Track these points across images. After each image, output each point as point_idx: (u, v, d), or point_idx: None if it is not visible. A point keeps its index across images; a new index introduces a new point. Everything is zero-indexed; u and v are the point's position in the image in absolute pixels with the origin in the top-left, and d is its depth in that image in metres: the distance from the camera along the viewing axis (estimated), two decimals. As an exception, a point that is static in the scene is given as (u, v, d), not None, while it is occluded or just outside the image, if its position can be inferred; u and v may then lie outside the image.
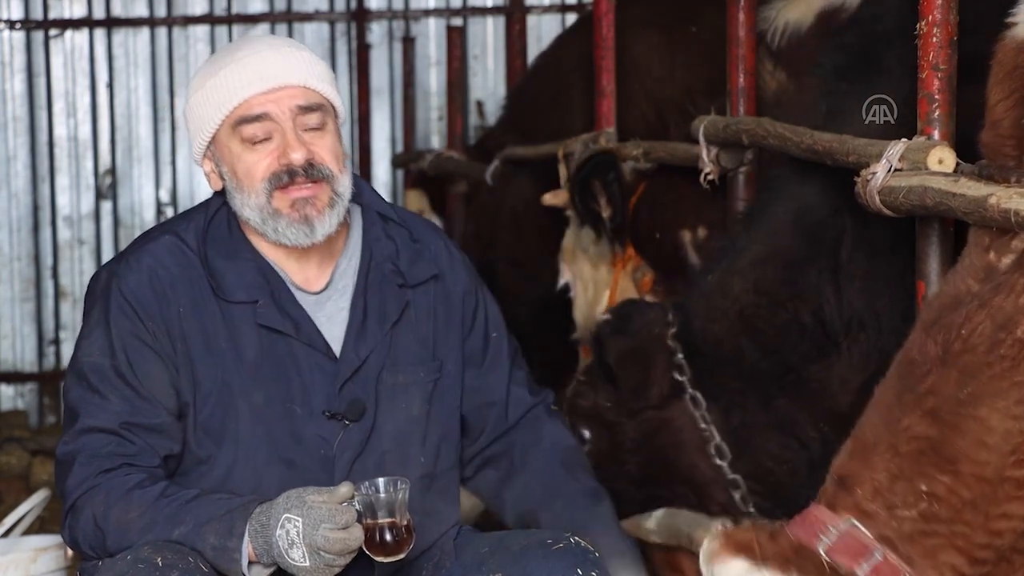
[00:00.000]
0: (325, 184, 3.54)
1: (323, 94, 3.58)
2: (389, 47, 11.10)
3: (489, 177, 7.40)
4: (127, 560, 3.38)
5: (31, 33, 10.74)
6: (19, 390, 10.79)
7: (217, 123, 3.56)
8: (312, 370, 3.58)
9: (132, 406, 3.51)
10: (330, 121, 3.59)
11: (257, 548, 3.35)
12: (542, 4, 10.99)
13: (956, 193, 3.31)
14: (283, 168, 3.52)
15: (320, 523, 3.29)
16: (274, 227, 3.55)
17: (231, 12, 10.88)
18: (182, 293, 3.57)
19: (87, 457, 3.49)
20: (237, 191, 3.57)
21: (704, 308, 4.57)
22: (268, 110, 3.52)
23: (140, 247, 3.64)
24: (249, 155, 3.54)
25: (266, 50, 3.58)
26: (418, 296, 3.71)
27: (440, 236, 3.85)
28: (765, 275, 4.46)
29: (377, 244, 3.70)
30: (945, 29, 3.66)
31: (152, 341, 3.54)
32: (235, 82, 3.54)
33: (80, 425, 3.52)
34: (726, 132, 4.88)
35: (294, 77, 3.55)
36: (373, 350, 3.62)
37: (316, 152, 3.53)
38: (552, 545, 3.52)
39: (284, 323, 3.57)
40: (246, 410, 3.56)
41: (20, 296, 10.76)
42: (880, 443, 3.02)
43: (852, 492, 3.01)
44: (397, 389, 3.65)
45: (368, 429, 3.60)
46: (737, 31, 5.03)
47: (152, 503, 3.43)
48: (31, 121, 10.75)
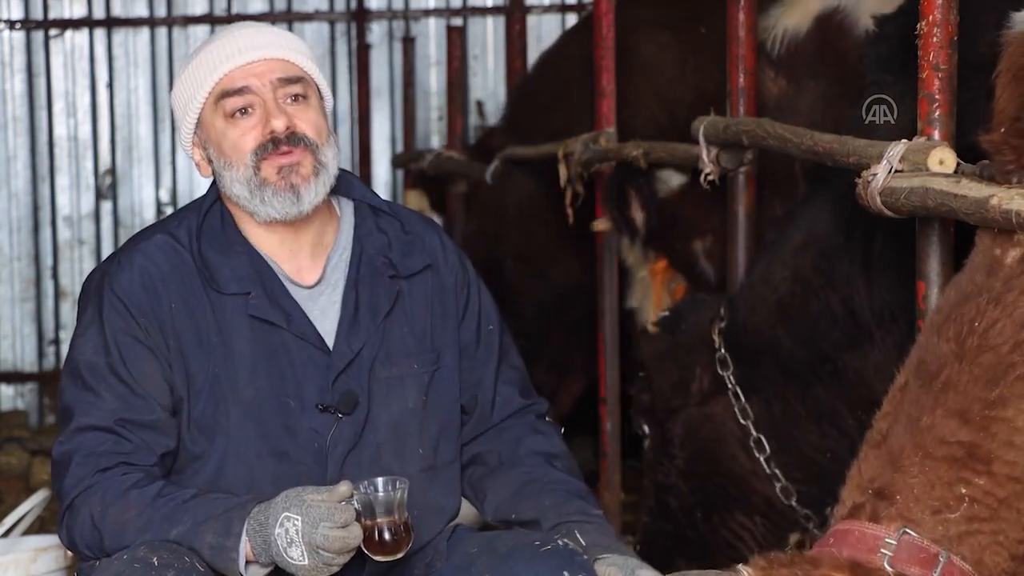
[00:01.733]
0: (308, 153, 3.57)
1: (303, 67, 3.63)
2: (389, 47, 11.10)
3: (489, 177, 7.40)
4: (123, 560, 3.37)
5: (31, 33, 10.74)
6: (19, 390, 10.79)
7: (201, 101, 3.60)
8: (305, 363, 3.59)
9: (127, 403, 3.52)
10: (312, 95, 3.63)
11: (255, 547, 3.35)
12: (542, 4, 10.99)
13: (957, 194, 3.31)
14: (267, 137, 3.56)
15: (319, 522, 3.30)
16: (261, 198, 3.56)
17: (231, 12, 10.89)
18: (173, 290, 3.58)
19: (84, 456, 3.49)
20: (226, 168, 3.59)
21: (747, 298, 4.64)
22: (249, 83, 3.57)
23: (132, 247, 3.67)
24: (233, 130, 3.57)
25: (245, 28, 3.67)
26: (413, 287, 3.72)
27: (434, 229, 3.86)
28: (802, 263, 4.51)
29: (368, 238, 3.71)
30: (945, 29, 3.66)
31: (145, 338, 3.55)
32: (215, 58, 3.60)
33: (76, 424, 3.52)
34: (726, 133, 4.87)
35: (272, 51, 3.61)
36: (366, 343, 3.62)
37: (297, 122, 3.57)
38: (540, 547, 3.50)
39: (275, 314, 3.58)
40: (238, 404, 3.56)
41: (20, 296, 10.76)
42: (909, 449, 2.99)
43: (893, 501, 2.96)
44: (391, 382, 3.65)
45: (362, 422, 3.60)
46: (737, 31, 5.03)
47: (149, 503, 3.43)
48: (31, 121, 10.75)
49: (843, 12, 5.78)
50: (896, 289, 4.33)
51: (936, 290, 3.77)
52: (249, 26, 3.68)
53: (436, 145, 10.60)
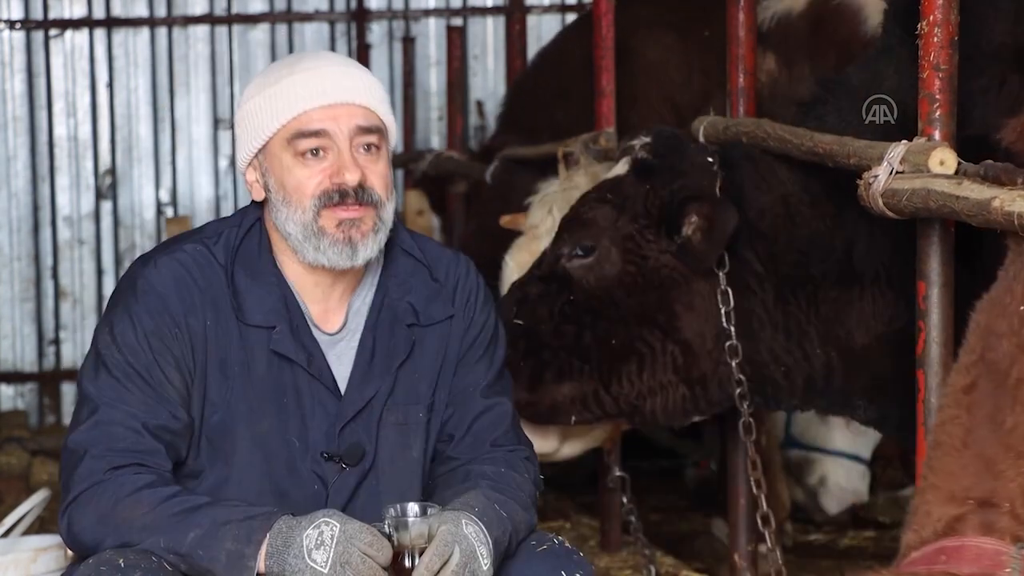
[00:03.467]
0: (372, 209, 3.50)
1: (381, 117, 3.55)
2: (389, 47, 11.10)
3: (489, 177, 7.40)
4: (89, 564, 3.34)
5: (31, 33, 10.74)
6: (19, 390, 10.79)
7: (271, 132, 3.51)
8: (314, 406, 3.55)
9: (150, 406, 3.47)
10: (384, 146, 3.55)
11: (271, 550, 3.29)
12: (542, 4, 10.99)
13: (959, 196, 3.31)
14: (335, 188, 3.48)
15: (357, 534, 3.27)
16: (316, 245, 3.50)
17: (231, 12, 10.88)
18: (208, 306, 3.52)
19: (100, 450, 3.43)
20: (284, 204, 3.52)
21: (753, 174, 4.54)
22: (327, 127, 3.48)
23: (168, 251, 3.59)
24: (300, 170, 3.50)
25: (330, 66, 3.55)
26: (430, 334, 3.65)
27: (464, 270, 3.74)
28: (814, 178, 4.43)
29: (394, 281, 3.65)
30: (946, 29, 3.66)
31: (174, 346, 3.50)
32: (296, 93, 3.50)
33: (97, 417, 3.46)
34: (726, 133, 4.87)
35: (356, 96, 3.51)
36: (377, 391, 3.58)
37: (369, 176, 3.49)
38: (536, 547, 3.50)
39: (298, 353, 3.54)
40: (247, 436, 3.53)
41: (20, 296, 10.76)
42: (1001, 453, 2.82)
43: (1002, 510, 2.78)
44: (398, 430, 3.61)
45: (366, 471, 3.58)
46: (737, 31, 5.03)
47: (161, 502, 3.37)
48: (31, 121, 10.74)
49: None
50: (894, 256, 4.31)
51: (936, 290, 3.77)
52: (336, 63, 3.57)
53: (436, 145, 10.60)
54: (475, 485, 3.53)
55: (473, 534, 3.35)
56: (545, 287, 4.68)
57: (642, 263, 4.54)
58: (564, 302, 4.63)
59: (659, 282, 4.53)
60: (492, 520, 3.42)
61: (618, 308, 4.57)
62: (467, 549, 3.32)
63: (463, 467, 3.63)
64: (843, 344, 4.48)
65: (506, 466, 3.63)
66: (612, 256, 4.57)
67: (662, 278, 4.54)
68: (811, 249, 4.45)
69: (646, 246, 4.55)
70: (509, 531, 3.47)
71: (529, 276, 4.79)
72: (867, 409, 4.61)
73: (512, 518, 3.50)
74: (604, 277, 4.57)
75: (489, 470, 3.60)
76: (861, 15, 5.70)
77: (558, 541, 3.54)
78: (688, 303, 4.53)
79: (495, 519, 3.44)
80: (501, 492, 3.53)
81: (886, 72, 4.36)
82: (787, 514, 6.55)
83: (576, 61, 6.81)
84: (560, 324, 4.62)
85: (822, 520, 7.07)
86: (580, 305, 4.61)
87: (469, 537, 3.34)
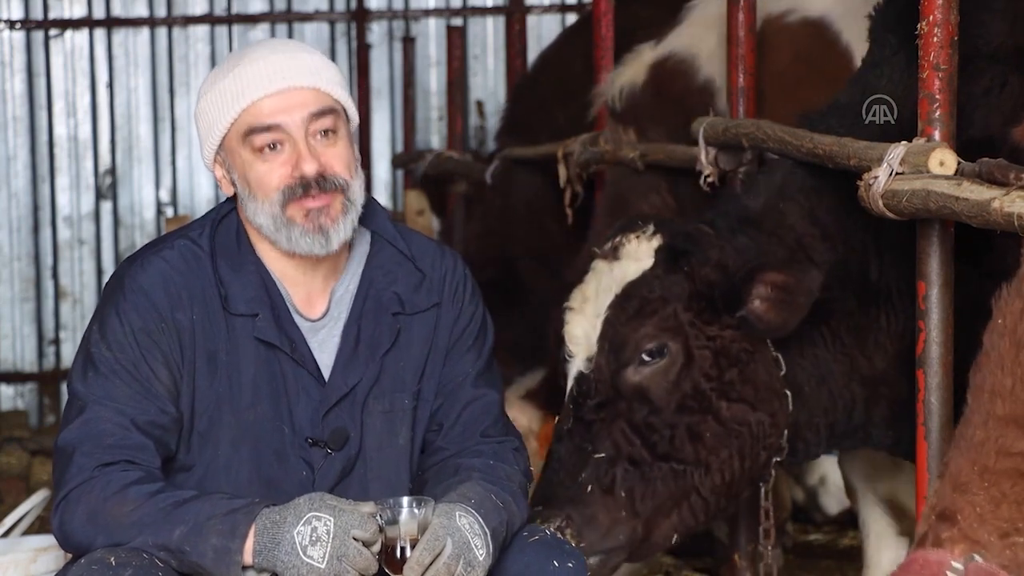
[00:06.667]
0: (338, 193, 3.51)
1: (334, 97, 3.55)
2: (389, 47, 11.10)
3: (489, 177, 7.40)
4: (81, 564, 3.36)
5: (31, 33, 10.74)
6: (19, 390, 10.79)
7: (226, 125, 3.53)
8: (299, 392, 3.57)
9: (139, 402, 3.49)
10: (342, 126, 3.55)
11: (258, 546, 3.31)
12: (542, 4, 11.00)
13: (959, 197, 3.31)
14: (296, 181, 3.49)
15: (351, 528, 3.29)
16: (288, 235, 3.52)
17: (231, 12, 10.89)
18: (196, 301, 3.55)
19: (89, 448, 3.45)
20: (251, 199, 3.54)
21: (755, 240, 4.37)
22: (279, 120, 3.49)
23: (154, 250, 3.62)
24: (260, 164, 3.52)
25: (275, 53, 3.55)
26: (416, 323, 3.67)
27: (450, 261, 3.75)
28: (819, 205, 4.35)
29: (379, 271, 3.66)
30: (946, 29, 3.66)
31: (162, 342, 3.53)
32: (243, 83, 3.51)
33: (86, 415, 3.48)
34: (726, 134, 4.87)
35: (303, 79, 3.52)
36: (362, 378, 3.60)
37: (328, 163, 3.50)
38: (528, 538, 3.53)
39: (281, 340, 3.56)
40: (235, 425, 3.55)
41: (20, 296, 10.76)
42: (967, 467, 2.81)
43: (955, 523, 2.78)
44: (384, 417, 3.62)
45: (352, 457, 3.59)
46: (737, 31, 5.03)
47: (148, 499, 3.40)
48: (31, 121, 10.75)
49: (676, 56, 5.70)
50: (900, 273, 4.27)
51: (936, 290, 3.77)
52: (283, 50, 3.57)
53: (436, 145, 10.61)
54: (468, 477, 3.54)
55: (467, 526, 3.36)
56: (610, 411, 4.34)
57: (713, 344, 4.33)
58: (644, 416, 4.32)
59: (734, 358, 4.34)
60: (489, 510, 3.44)
61: (704, 397, 4.32)
62: (460, 541, 3.33)
63: (453, 459, 3.64)
64: (864, 373, 4.37)
65: (496, 458, 3.64)
66: (684, 348, 4.32)
67: (735, 353, 4.34)
68: (832, 282, 4.32)
69: (707, 328, 4.33)
70: (506, 520, 3.49)
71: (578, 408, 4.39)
72: (884, 435, 4.52)
73: (507, 508, 3.51)
74: (684, 371, 4.31)
75: (479, 463, 3.61)
76: (695, 65, 5.65)
77: (550, 532, 3.58)
78: (756, 370, 4.35)
79: (492, 509, 3.46)
80: (493, 483, 3.55)
81: (877, 84, 4.34)
82: (787, 514, 6.54)
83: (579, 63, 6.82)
84: (648, 438, 4.32)
85: (822, 520, 7.07)
86: (663, 412, 4.32)
87: (462, 529, 3.35)
